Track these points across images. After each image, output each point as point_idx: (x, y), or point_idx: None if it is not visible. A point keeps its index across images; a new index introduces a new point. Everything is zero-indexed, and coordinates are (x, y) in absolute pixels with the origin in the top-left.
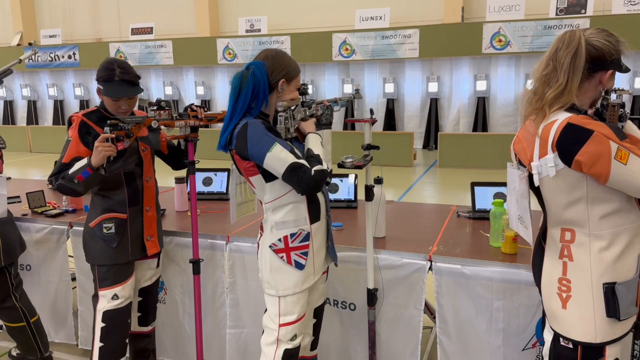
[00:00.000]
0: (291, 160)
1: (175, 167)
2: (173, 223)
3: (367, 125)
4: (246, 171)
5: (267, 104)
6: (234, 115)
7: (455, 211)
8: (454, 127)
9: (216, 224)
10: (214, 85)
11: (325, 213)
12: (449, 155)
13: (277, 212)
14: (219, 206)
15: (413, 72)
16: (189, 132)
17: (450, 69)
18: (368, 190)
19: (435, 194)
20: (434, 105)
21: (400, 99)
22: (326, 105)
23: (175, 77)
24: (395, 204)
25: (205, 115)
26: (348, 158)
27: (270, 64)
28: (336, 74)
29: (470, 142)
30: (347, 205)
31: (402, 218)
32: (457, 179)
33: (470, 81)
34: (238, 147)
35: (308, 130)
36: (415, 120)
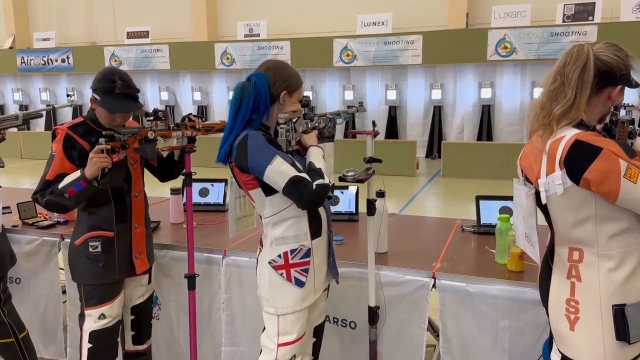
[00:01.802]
0: (292, 173)
1: (163, 179)
2: (168, 236)
3: (369, 137)
4: (246, 184)
5: (269, 116)
6: (234, 126)
7: (459, 225)
8: (457, 135)
9: (212, 237)
10: (211, 90)
11: (327, 228)
12: (452, 165)
13: (277, 227)
14: (215, 218)
15: (416, 78)
16: (185, 142)
17: (454, 76)
18: (370, 204)
19: (439, 205)
20: (437, 113)
21: (403, 107)
22: (329, 118)
23: (172, 82)
24: (398, 217)
25: (203, 125)
26: (350, 171)
27: (272, 76)
28: (337, 80)
29: (475, 151)
30: (348, 218)
31: (405, 232)
32: (461, 190)
33: (474, 89)
34: (238, 160)
35: (310, 143)
36: (418, 129)
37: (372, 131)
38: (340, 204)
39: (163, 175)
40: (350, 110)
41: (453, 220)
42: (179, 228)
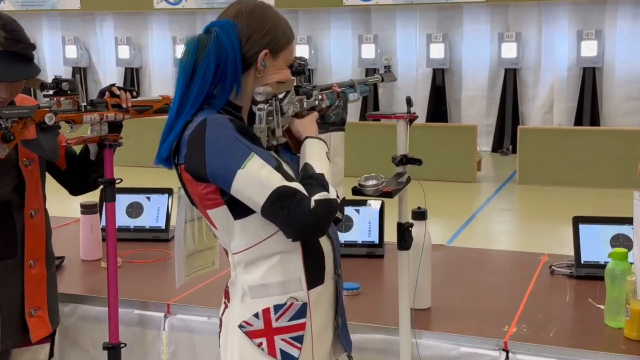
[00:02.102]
0: (277, 183)
1: (75, 189)
2: (77, 281)
3: (402, 124)
4: (202, 200)
5: (239, 89)
6: (184, 107)
7: (547, 263)
8: (543, 117)
9: (149, 284)
10: (146, 44)
11: (333, 271)
12: (535, 164)
13: (253, 268)
14: (153, 251)
15: (476, 25)
16: (106, 131)
17: (537, 20)
18: (403, 231)
19: (513, 229)
20: (510, 80)
21: (456, 70)
22: (336, 92)
23: (84, 31)
24: (447, 250)
25: (133, 103)
26: (370, 179)
27: (246, 25)
28: (349, 27)
29: (571, 142)
30: (367, 252)
31: (459, 275)
32: (549, 205)
33: (571, 41)
34: (190, 161)
35: (306, 132)
36: (479, 106)
37: (407, 114)
38: (353, 229)
39: (75, 184)
40: (371, 80)
41: (536, 256)
42: (95, 268)
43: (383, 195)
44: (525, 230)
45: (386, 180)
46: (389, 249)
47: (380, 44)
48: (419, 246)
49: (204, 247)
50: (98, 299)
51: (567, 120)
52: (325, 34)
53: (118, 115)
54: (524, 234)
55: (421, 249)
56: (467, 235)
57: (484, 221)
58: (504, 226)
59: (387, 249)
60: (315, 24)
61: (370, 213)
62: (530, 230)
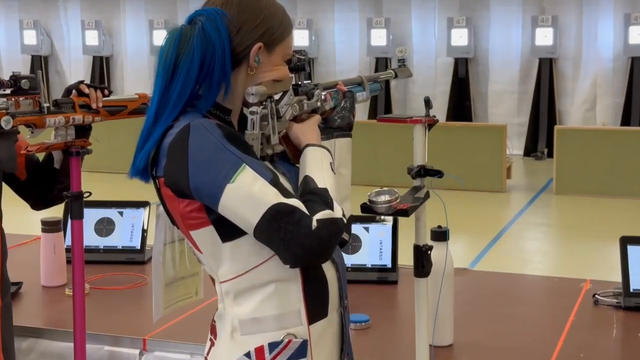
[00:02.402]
0: (273, 199)
1: (39, 203)
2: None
3: (420, 129)
4: (185, 219)
5: (229, 89)
6: (164, 110)
7: (589, 291)
8: (585, 114)
9: (121, 315)
10: (118, 29)
11: (338, 301)
12: (574, 171)
13: (245, 300)
14: (126, 276)
15: (506, 7)
16: (72, 136)
17: (577, 2)
18: (421, 255)
19: (549, 248)
20: (545, 72)
21: (481, 60)
22: (342, 91)
23: (45, 14)
24: (472, 275)
25: (105, 103)
26: (382, 194)
27: (236, 14)
28: (356, 9)
29: (617, 146)
30: (378, 278)
31: (486, 305)
32: (591, 219)
33: (617, 26)
34: (170, 174)
35: (306, 140)
36: (509, 101)
37: (426, 117)
38: (362, 250)
39: (37, 196)
40: (382, 76)
41: (577, 283)
42: (57, 296)
43: (397, 214)
44: (564, 250)
45: (401, 196)
46: (404, 274)
47: (393, 29)
48: (439, 272)
49: (186, 274)
50: (62, 332)
51: (613, 119)
52: (328, 17)
53: (87, 117)
54: (561, 254)
55: (442, 276)
56: (494, 255)
57: (514, 238)
58: (538, 244)
59: (402, 274)
60: (316, 5)
61: (381, 231)
62: (569, 249)
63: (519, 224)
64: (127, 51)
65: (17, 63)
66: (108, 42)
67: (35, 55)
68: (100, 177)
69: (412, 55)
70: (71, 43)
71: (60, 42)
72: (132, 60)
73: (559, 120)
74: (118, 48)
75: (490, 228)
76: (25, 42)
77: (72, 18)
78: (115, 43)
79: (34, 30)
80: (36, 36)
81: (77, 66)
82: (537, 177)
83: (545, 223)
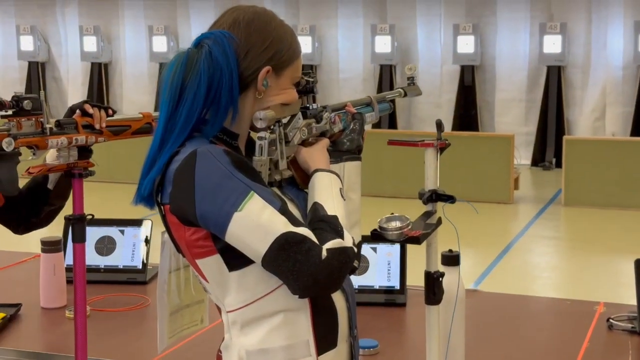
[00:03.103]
0: (282, 228)
1: (22, 226)
2: (37, 335)
3: (431, 153)
4: (191, 247)
5: (236, 113)
6: (170, 135)
7: (603, 315)
8: (594, 124)
9: (123, 338)
10: (117, 35)
11: (348, 331)
12: (583, 182)
13: (252, 330)
14: (128, 297)
15: (513, 13)
16: (75, 157)
17: (587, 9)
18: (432, 281)
19: (558, 263)
20: (553, 80)
21: (488, 67)
22: (351, 113)
23: (42, 19)
24: (480, 297)
25: (108, 123)
26: (393, 220)
27: (244, 37)
28: (360, 15)
29: (627, 156)
30: (386, 300)
31: (495, 329)
32: (602, 232)
33: (627, 33)
34: (176, 201)
35: (315, 165)
36: (516, 110)
37: (437, 140)
38: (369, 272)
39: (21, 219)
40: (390, 95)
41: (590, 306)
42: (57, 318)
43: (409, 241)
44: (574, 265)
45: (412, 222)
46: (412, 295)
47: (398, 35)
48: (450, 298)
49: (192, 302)
50: (63, 358)
51: (622, 129)
52: (331, 24)
53: (90, 137)
54: (572, 270)
55: (454, 302)
56: (502, 271)
57: (522, 252)
58: (548, 259)
59: (410, 295)
60: (319, 11)
61: (389, 252)
62: (580, 264)
63: (527, 237)
64: (126, 57)
65: (14, 69)
66: (107, 48)
67: (32, 62)
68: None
69: (417, 63)
70: (69, 49)
71: (57, 48)
72: (131, 67)
73: (568, 130)
74: (117, 54)
75: (497, 241)
76: (22, 48)
77: (70, 23)
78: (114, 49)
79: (31, 36)
80: (33, 42)
81: (75, 73)
82: (545, 188)
83: (554, 236)
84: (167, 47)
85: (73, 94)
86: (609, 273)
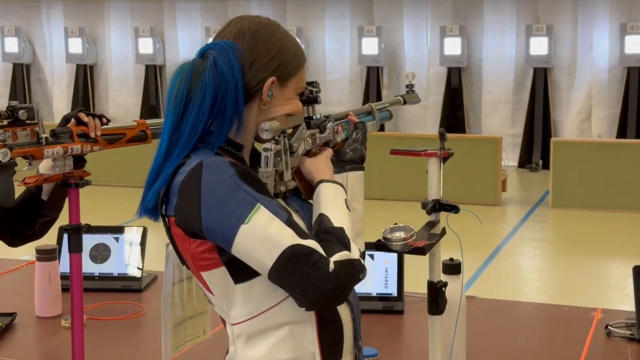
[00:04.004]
0: (289, 240)
1: (16, 238)
2: (33, 345)
3: (434, 162)
4: (196, 260)
5: (241, 124)
6: (175, 147)
7: (601, 321)
8: (580, 126)
9: (120, 348)
10: (102, 37)
11: (353, 342)
12: (570, 184)
13: (257, 342)
14: (124, 305)
15: (500, 15)
16: (70, 167)
17: (572, 11)
18: (434, 291)
19: (547, 266)
20: (540, 82)
21: (475, 69)
22: (354, 122)
23: (27, 20)
24: (479, 304)
25: (103, 131)
26: (397, 230)
27: (249, 48)
28: (347, 16)
29: (614, 158)
30: (383, 307)
31: (495, 336)
32: (590, 234)
33: (613, 36)
34: (182, 213)
35: (319, 175)
36: (503, 111)
37: (440, 150)
38: (367, 279)
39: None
40: (391, 104)
41: (587, 312)
42: (53, 327)
43: (414, 252)
44: (563, 268)
45: (416, 232)
46: (410, 302)
47: (385, 37)
48: (453, 307)
49: (194, 313)
50: None
51: (608, 131)
52: (318, 25)
53: (85, 146)
54: (561, 273)
55: (457, 312)
56: (490, 275)
57: (511, 255)
58: (537, 262)
59: (407, 302)
60: (306, 13)
61: (386, 258)
62: (569, 267)
63: (516, 240)
64: (112, 59)
65: None
66: (92, 50)
67: (16, 64)
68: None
69: (404, 65)
70: (54, 51)
71: (42, 50)
72: (117, 69)
73: (554, 131)
74: (102, 56)
75: (485, 244)
76: (6, 49)
77: (55, 25)
78: (99, 51)
79: (16, 37)
80: (18, 44)
81: (60, 74)
82: (533, 190)
83: (542, 238)
84: (153, 49)
85: (58, 96)
86: (598, 275)
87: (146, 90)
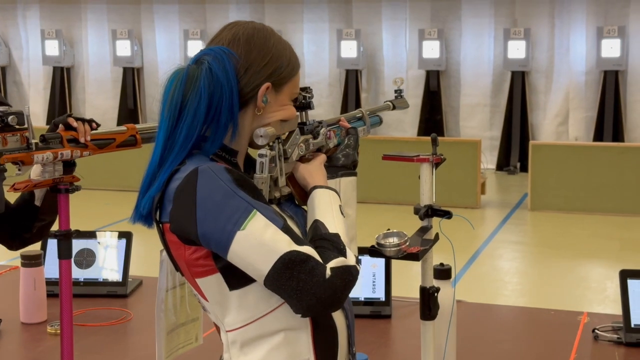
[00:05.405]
0: (285, 247)
1: (16, 243)
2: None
3: (427, 168)
4: (191, 266)
5: (236, 131)
6: (170, 153)
7: (588, 325)
8: (557, 128)
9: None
10: (79, 39)
11: (347, 349)
12: (548, 186)
13: (252, 349)
14: (110, 311)
15: (478, 19)
16: (60, 172)
17: (550, 14)
18: (427, 297)
19: (526, 269)
20: (517, 85)
21: (453, 73)
22: (345, 127)
23: (3, 22)
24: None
25: (93, 136)
26: (390, 236)
27: (244, 54)
28: (326, 19)
29: (591, 161)
30: (371, 312)
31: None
32: (568, 237)
33: (590, 39)
34: (176, 220)
35: (313, 181)
36: (481, 114)
37: (433, 155)
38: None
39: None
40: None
41: (574, 316)
42: (38, 334)
43: (408, 258)
44: (541, 270)
45: (410, 238)
46: (397, 307)
47: (363, 40)
48: (446, 314)
49: (187, 320)
50: None
51: (585, 133)
52: (297, 28)
53: (75, 151)
54: (540, 275)
55: (449, 317)
56: (470, 278)
57: (491, 258)
58: (517, 265)
59: (395, 307)
60: (285, 16)
61: (373, 263)
62: (548, 269)
63: (495, 242)
64: (89, 62)
65: None
66: (69, 52)
67: None
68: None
69: (383, 68)
70: (30, 53)
71: (18, 52)
72: (94, 71)
73: (532, 134)
74: (79, 58)
75: (465, 247)
76: None
77: (31, 27)
78: (76, 53)
79: None
80: None
81: (37, 77)
82: (511, 193)
83: (521, 241)
84: (131, 51)
85: (34, 98)
86: (577, 278)
87: (124, 93)
